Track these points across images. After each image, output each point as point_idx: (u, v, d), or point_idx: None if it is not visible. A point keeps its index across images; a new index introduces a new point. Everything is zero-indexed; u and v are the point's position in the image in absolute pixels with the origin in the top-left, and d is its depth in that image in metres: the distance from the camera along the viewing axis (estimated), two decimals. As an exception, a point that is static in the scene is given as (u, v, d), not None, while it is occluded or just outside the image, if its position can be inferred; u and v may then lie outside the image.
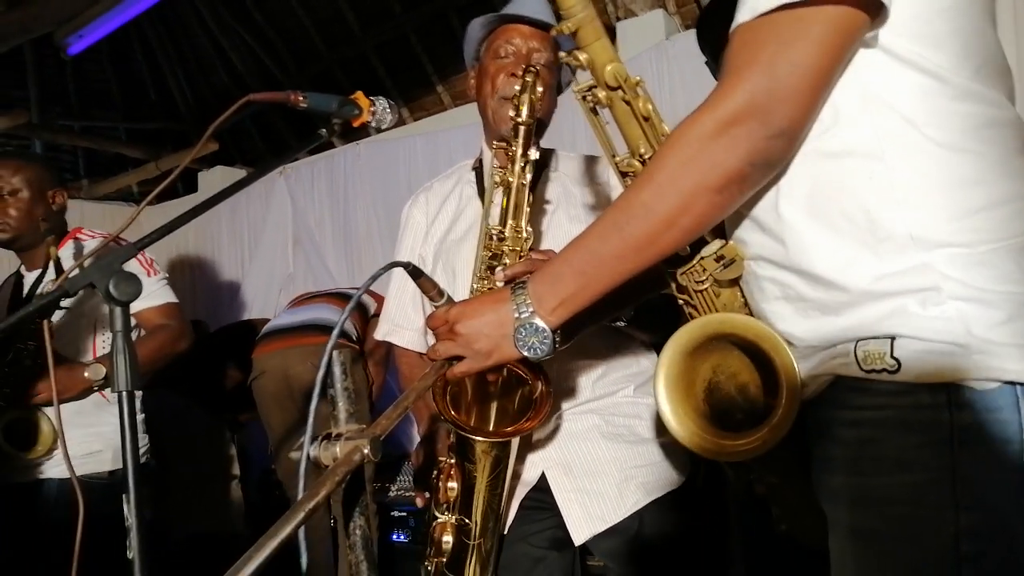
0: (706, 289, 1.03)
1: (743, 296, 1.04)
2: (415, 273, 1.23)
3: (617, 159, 1.06)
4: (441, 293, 1.24)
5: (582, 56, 0.99)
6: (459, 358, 1.09)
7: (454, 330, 1.08)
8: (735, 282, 1.04)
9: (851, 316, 0.89)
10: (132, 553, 0.97)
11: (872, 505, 0.89)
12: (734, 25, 0.89)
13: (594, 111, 1.05)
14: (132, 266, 2.29)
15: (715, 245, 1.01)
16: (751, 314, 1.03)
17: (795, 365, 0.94)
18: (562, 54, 1.03)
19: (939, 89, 0.86)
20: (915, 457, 0.85)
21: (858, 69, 0.88)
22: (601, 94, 1.01)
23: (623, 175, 1.06)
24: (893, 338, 0.86)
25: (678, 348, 1.03)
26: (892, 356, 0.85)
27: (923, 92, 0.86)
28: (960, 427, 0.83)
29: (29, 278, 2.37)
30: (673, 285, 1.08)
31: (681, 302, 1.09)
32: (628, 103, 1.00)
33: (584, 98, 1.03)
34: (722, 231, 1.03)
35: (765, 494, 1.15)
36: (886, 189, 0.86)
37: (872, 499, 0.89)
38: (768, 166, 0.90)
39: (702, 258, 1.01)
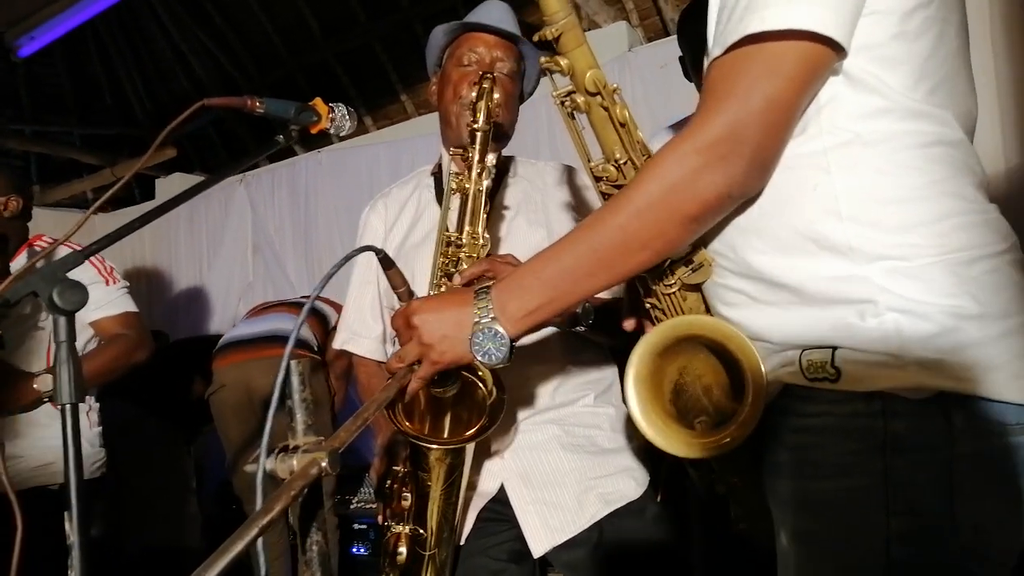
0: (674, 293, 1.05)
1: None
2: (385, 262, 1.21)
3: (592, 164, 1.07)
4: (411, 293, 1.23)
5: (563, 61, 1.01)
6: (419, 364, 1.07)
7: (410, 322, 1.05)
8: (700, 286, 1.05)
9: (798, 315, 0.91)
10: (73, 574, 0.92)
11: (812, 508, 0.93)
12: (710, 58, 0.92)
13: (571, 116, 1.06)
14: (91, 274, 2.25)
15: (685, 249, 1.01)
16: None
17: (760, 364, 0.96)
18: (543, 59, 1.04)
19: (888, 109, 0.88)
20: (852, 463, 0.89)
21: None
22: (580, 99, 1.02)
23: (597, 179, 1.07)
24: (834, 348, 0.88)
25: (648, 348, 1.04)
26: (833, 365, 0.88)
27: (872, 112, 0.89)
28: (893, 435, 0.86)
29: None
30: (640, 288, 1.09)
31: (648, 306, 1.09)
32: (606, 109, 1.02)
33: (562, 103, 1.04)
34: None
35: (725, 494, 1.16)
36: (829, 201, 0.89)
37: (812, 502, 0.93)
38: (744, 196, 0.93)
39: (672, 262, 1.02)
